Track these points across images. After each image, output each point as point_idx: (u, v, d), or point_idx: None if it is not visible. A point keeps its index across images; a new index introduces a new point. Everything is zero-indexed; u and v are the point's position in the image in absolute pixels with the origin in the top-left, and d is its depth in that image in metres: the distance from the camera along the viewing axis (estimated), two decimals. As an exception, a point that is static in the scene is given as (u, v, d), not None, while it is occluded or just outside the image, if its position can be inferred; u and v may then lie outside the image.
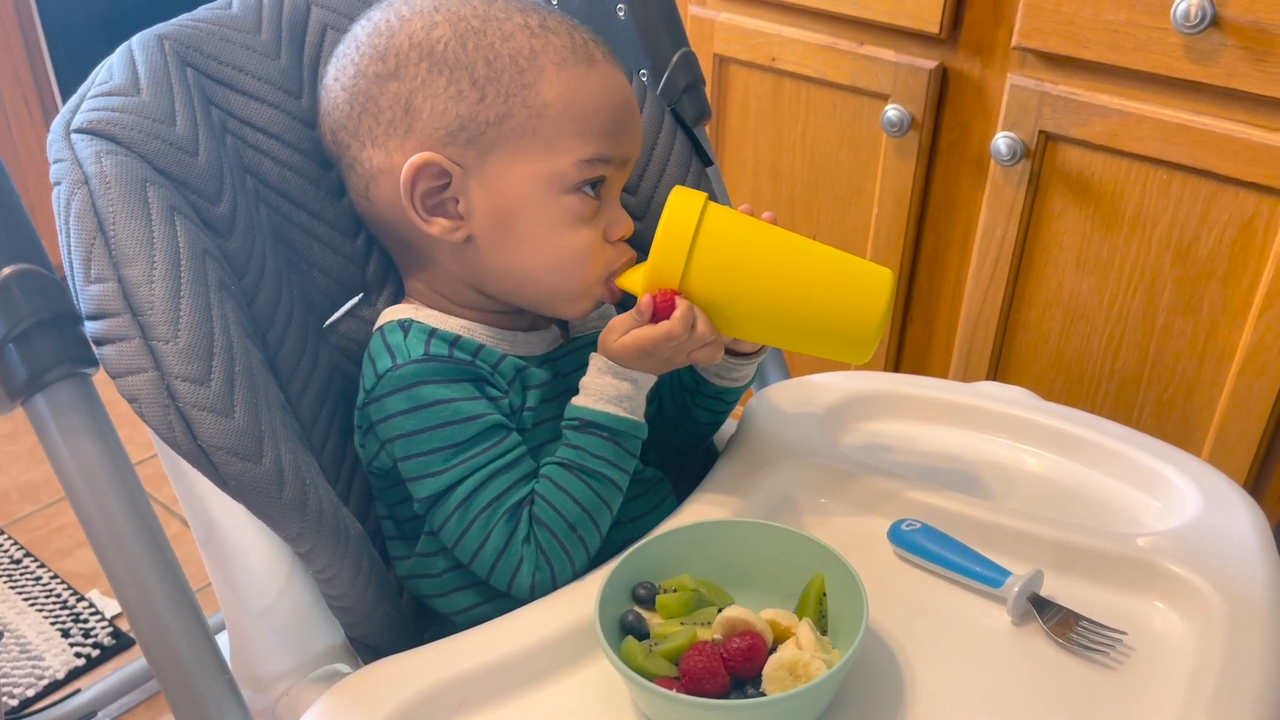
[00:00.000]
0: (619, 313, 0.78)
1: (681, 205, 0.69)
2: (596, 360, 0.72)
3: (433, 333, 0.72)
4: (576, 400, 0.72)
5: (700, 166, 0.90)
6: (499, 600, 0.71)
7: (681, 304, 0.69)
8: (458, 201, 0.71)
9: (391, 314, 0.75)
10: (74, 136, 0.64)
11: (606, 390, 0.71)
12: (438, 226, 0.71)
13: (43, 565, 1.50)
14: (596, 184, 0.72)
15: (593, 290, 0.74)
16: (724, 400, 0.81)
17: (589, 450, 0.70)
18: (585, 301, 0.74)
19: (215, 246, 0.67)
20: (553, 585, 0.69)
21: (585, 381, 0.72)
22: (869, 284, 0.70)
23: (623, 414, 0.71)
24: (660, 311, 0.69)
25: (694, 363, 0.72)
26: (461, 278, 0.74)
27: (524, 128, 0.69)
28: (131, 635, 1.37)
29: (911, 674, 0.63)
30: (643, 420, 0.72)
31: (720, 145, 1.37)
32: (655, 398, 0.84)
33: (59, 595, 1.44)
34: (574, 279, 0.73)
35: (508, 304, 0.76)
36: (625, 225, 0.74)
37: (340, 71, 0.73)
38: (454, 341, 0.72)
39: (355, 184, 0.74)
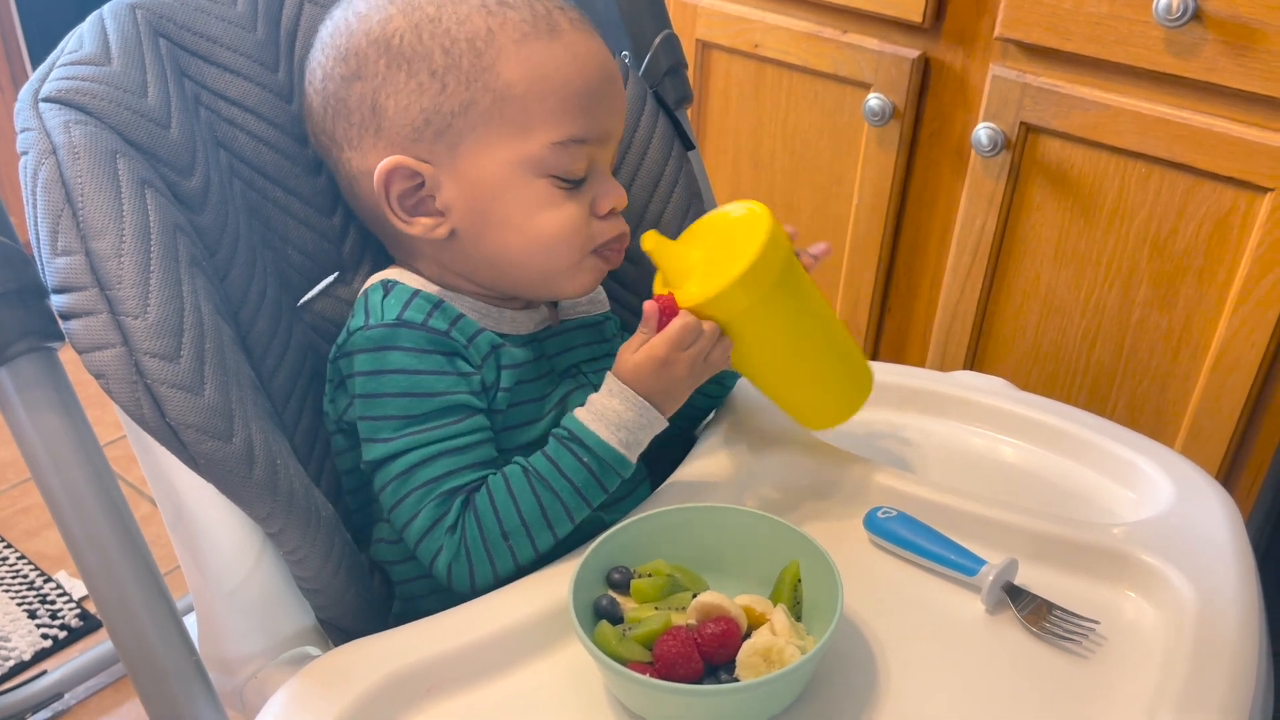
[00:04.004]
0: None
1: (779, 243, 0.67)
2: (610, 381, 0.69)
3: (415, 294, 0.71)
4: (577, 412, 0.69)
5: (682, 150, 0.89)
6: (453, 600, 0.70)
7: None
8: (434, 199, 0.70)
9: (378, 276, 0.74)
10: (42, 105, 0.62)
11: (609, 414, 0.68)
12: (419, 226, 0.70)
13: (9, 546, 1.48)
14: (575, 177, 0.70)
15: (584, 264, 0.72)
16: (724, 384, 0.82)
17: (561, 467, 0.67)
18: (581, 275, 0.73)
19: (187, 221, 0.66)
20: (469, 583, 0.67)
21: (594, 398, 0.69)
22: (858, 387, 0.75)
23: (615, 445, 0.68)
24: (667, 315, 0.67)
25: (712, 370, 0.69)
26: (452, 269, 0.73)
27: (489, 113, 0.68)
28: (98, 617, 1.35)
29: (885, 661, 0.63)
30: (633, 460, 0.69)
31: (701, 132, 1.36)
32: None
33: (26, 576, 1.42)
34: (560, 257, 0.71)
35: (503, 291, 0.75)
36: (616, 196, 0.72)
37: (312, 75, 0.72)
38: (436, 304, 0.70)
39: (342, 185, 0.74)
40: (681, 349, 0.67)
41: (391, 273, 0.74)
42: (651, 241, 0.69)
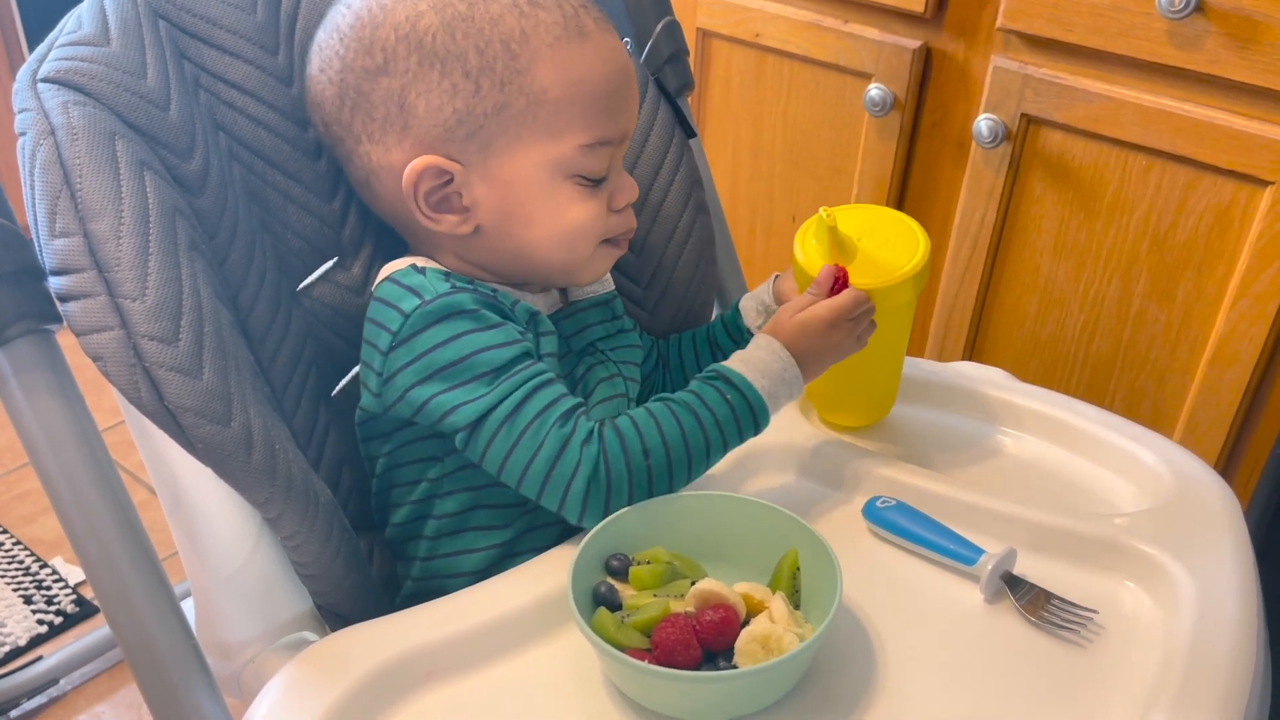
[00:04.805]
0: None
1: (923, 274, 0.74)
2: (759, 338, 0.70)
3: (448, 274, 0.71)
4: (721, 363, 0.70)
5: (683, 138, 0.89)
6: (484, 572, 0.70)
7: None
8: (462, 196, 0.70)
9: (398, 264, 0.73)
10: (40, 86, 0.62)
11: (755, 362, 0.69)
12: (445, 223, 0.71)
13: (5, 531, 1.47)
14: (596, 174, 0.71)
15: (598, 253, 0.74)
16: None
17: (703, 398, 0.67)
18: (595, 264, 0.75)
19: (186, 204, 0.66)
20: (603, 508, 0.65)
21: (739, 352, 0.70)
22: (889, 403, 0.83)
23: (759, 389, 0.68)
24: (839, 286, 0.71)
25: (855, 350, 0.72)
26: (471, 261, 0.74)
27: (524, 115, 0.68)
28: (95, 603, 1.35)
29: (883, 650, 0.63)
30: (771, 413, 0.69)
31: (701, 121, 1.36)
32: (691, 367, 0.87)
33: (22, 562, 1.42)
34: (580, 251, 0.73)
35: (519, 279, 0.76)
36: (630, 190, 0.74)
37: (325, 64, 0.71)
38: (469, 282, 0.71)
39: (354, 175, 0.74)
40: (848, 318, 0.70)
41: (417, 260, 0.73)
42: (828, 214, 0.72)
